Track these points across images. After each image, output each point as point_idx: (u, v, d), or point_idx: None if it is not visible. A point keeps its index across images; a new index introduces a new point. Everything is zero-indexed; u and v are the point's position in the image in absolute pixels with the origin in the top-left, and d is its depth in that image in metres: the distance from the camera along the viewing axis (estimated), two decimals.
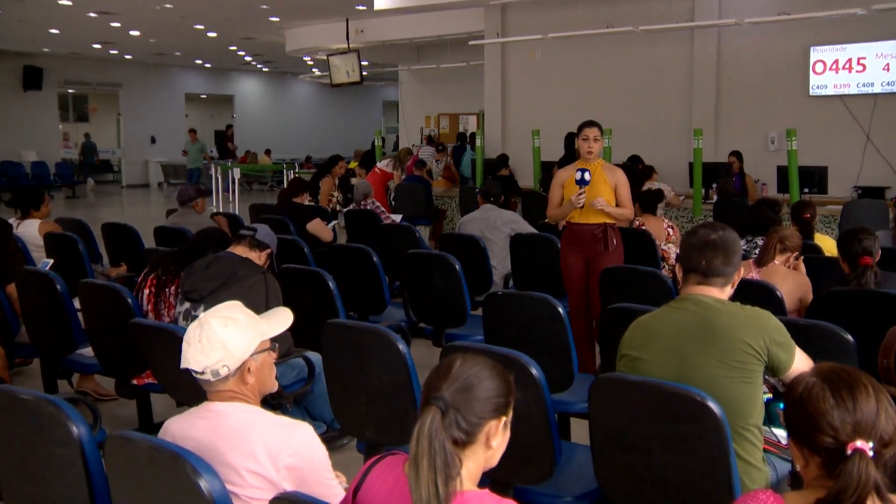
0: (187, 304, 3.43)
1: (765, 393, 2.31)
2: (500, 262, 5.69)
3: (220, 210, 13.14)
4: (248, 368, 1.97)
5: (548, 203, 4.86)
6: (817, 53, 9.57)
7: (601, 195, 4.61)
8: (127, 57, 20.10)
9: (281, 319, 2.10)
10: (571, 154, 8.42)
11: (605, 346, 3.31)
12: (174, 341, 3.00)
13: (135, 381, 3.67)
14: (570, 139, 8.46)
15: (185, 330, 1.97)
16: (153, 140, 21.93)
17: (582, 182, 4.58)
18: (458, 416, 1.48)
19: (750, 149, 9.55)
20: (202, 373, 1.93)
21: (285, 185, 8.14)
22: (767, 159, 9.56)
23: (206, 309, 3.07)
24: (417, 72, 16.15)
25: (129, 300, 3.55)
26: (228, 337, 1.93)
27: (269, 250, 3.74)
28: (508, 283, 5.56)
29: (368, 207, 7.41)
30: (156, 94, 21.86)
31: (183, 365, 1.93)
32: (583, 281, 4.68)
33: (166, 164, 21.62)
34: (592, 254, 4.67)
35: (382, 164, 10.54)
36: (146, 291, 3.77)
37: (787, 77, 9.80)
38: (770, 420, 2.53)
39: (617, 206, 4.66)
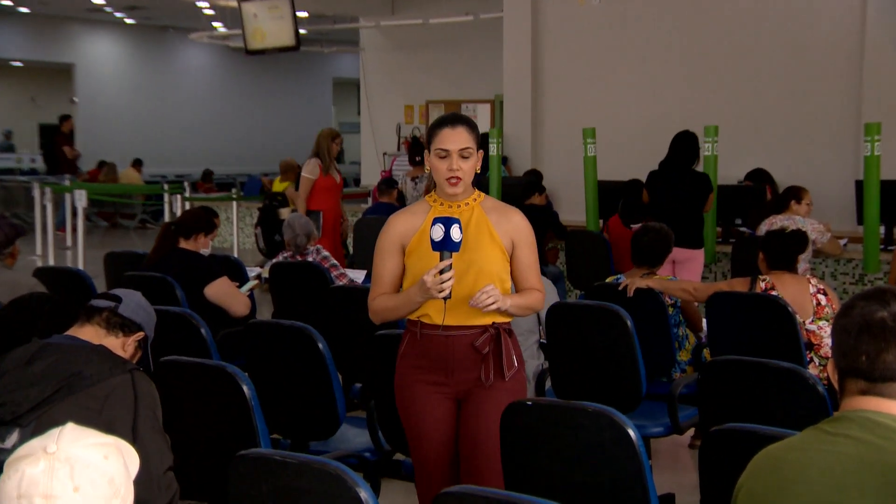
0: None
1: None
2: (525, 349, 5.69)
3: (51, 262, 13.16)
4: None
5: (372, 284, 4.09)
6: None
7: (487, 267, 3.89)
8: None
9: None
10: (687, 159, 8.23)
11: (707, 491, 3.34)
12: None
13: None
14: (683, 140, 8.28)
15: None
16: None
17: (446, 245, 3.68)
18: None
19: None
20: None
21: (168, 221, 8.17)
22: None
23: (23, 438, 3.08)
24: (391, 31, 16.35)
25: None
26: (116, 474, 1.94)
27: (139, 334, 3.76)
28: (544, 384, 5.60)
29: (310, 258, 7.46)
30: None
31: None
32: (448, 444, 3.96)
33: None
34: (469, 387, 3.94)
35: (307, 171, 9.85)
36: None
37: None
38: None
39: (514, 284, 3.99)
